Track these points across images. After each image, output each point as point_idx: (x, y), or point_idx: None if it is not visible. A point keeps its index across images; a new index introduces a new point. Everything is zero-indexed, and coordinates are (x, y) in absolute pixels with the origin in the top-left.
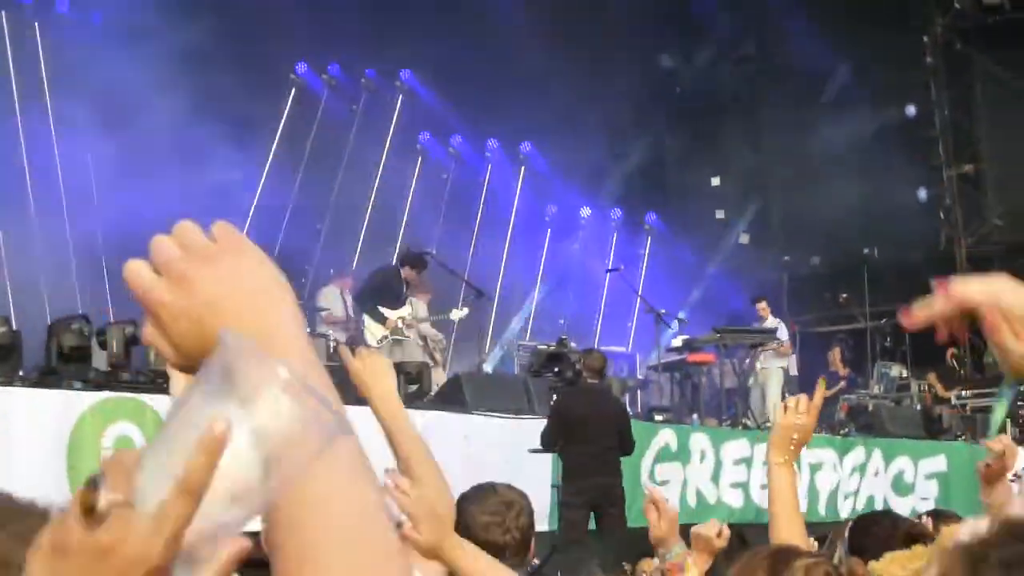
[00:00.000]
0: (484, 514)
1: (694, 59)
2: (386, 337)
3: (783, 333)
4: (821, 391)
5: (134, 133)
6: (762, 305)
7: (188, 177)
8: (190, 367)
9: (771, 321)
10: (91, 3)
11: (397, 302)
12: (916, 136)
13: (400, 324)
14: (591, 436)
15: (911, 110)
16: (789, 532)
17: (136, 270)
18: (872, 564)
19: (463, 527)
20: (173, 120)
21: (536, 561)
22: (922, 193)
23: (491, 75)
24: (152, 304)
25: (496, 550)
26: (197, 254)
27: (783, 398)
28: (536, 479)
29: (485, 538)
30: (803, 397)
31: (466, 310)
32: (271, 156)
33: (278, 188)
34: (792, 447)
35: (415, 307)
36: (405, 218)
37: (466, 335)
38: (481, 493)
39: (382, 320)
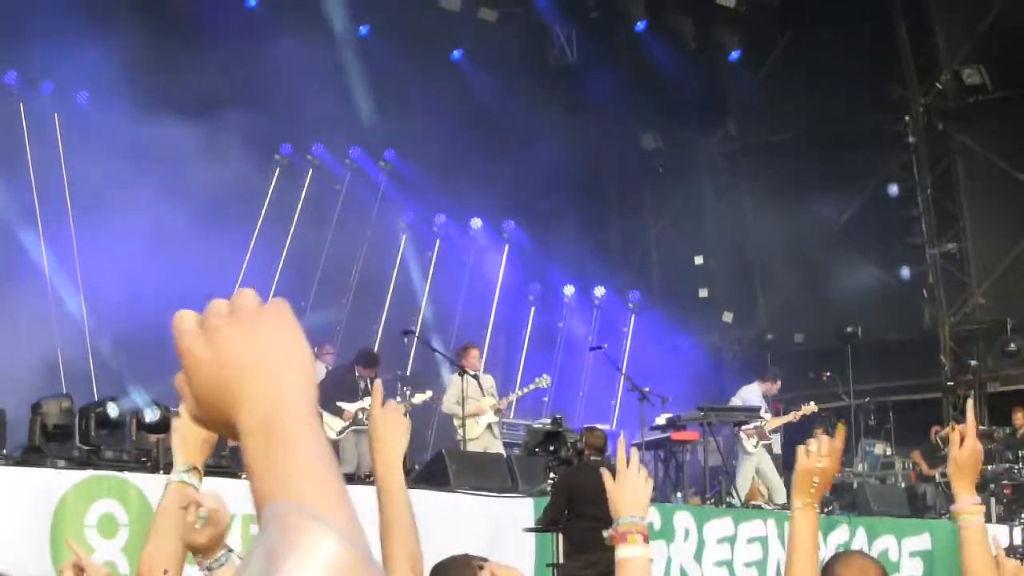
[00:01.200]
0: (460, 571)
1: (675, 138)
2: (345, 428)
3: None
4: (842, 434)
5: (115, 215)
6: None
7: (173, 258)
8: (205, 421)
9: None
10: (76, 84)
11: (354, 396)
12: (898, 215)
13: (361, 415)
14: (598, 512)
15: (893, 189)
16: None
17: (182, 316)
18: None
19: None
20: (153, 202)
21: None
22: (905, 272)
23: (473, 153)
24: (181, 350)
25: None
26: (238, 315)
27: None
28: (521, 558)
29: None
30: (825, 439)
31: (430, 393)
32: (255, 235)
33: (264, 265)
34: (813, 490)
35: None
36: (390, 294)
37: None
38: (455, 563)
39: (339, 413)
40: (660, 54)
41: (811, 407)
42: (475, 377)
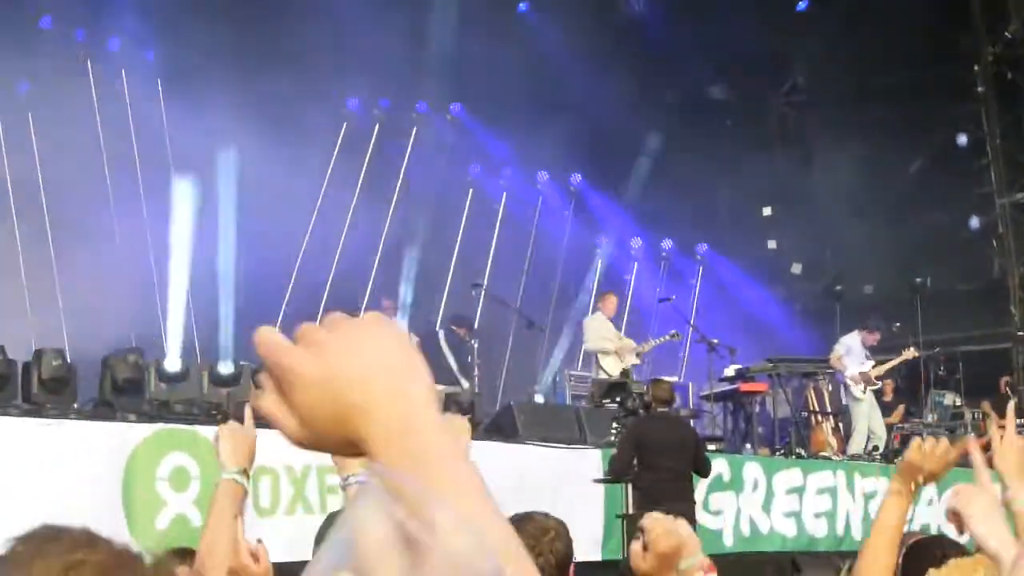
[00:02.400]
0: (523, 538)
1: (743, 90)
2: None
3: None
4: (962, 446)
5: (186, 170)
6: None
7: (241, 213)
8: (311, 443)
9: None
10: (145, 43)
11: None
12: (968, 165)
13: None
14: (668, 463)
15: (963, 139)
16: (876, 562)
17: (270, 332)
18: (932, 571)
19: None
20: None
21: None
22: (975, 222)
23: (539, 107)
24: (284, 370)
25: None
26: (340, 330)
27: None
28: (589, 509)
29: None
30: (944, 441)
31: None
32: (323, 189)
33: (332, 220)
34: (913, 484)
35: None
36: (457, 247)
37: (517, 365)
38: (517, 520)
39: None
40: (727, 5)
41: (911, 352)
42: (610, 321)
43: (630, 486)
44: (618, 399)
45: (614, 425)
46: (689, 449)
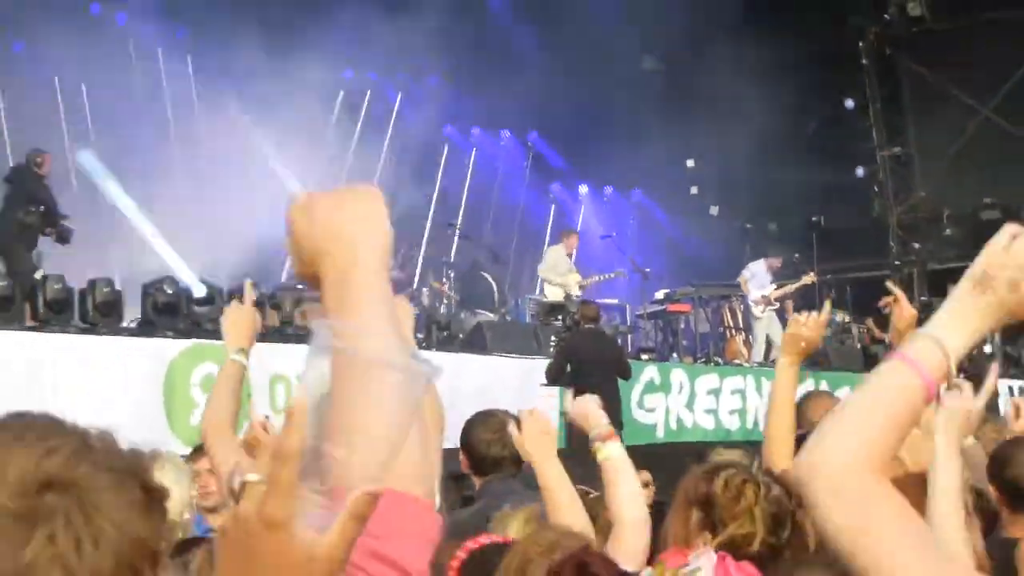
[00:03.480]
0: (486, 432)
1: (670, 63)
2: None
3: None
4: (828, 309)
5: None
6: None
7: (252, 171)
8: (303, 275)
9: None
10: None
11: None
12: (854, 124)
13: None
14: (594, 368)
15: (850, 103)
16: (780, 421)
17: (299, 199)
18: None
19: (471, 444)
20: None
21: None
22: (860, 171)
23: (498, 70)
24: (287, 218)
25: (495, 462)
26: (333, 193)
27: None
28: (546, 408)
29: (486, 452)
30: (813, 314)
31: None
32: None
33: (331, 173)
34: (798, 353)
35: None
36: (435, 194)
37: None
38: (484, 417)
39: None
40: None
41: (811, 277)
42: (568, 256)
43: (568, 389)
44: (557, 317)
45: (552, 339)
46: (610, 357)
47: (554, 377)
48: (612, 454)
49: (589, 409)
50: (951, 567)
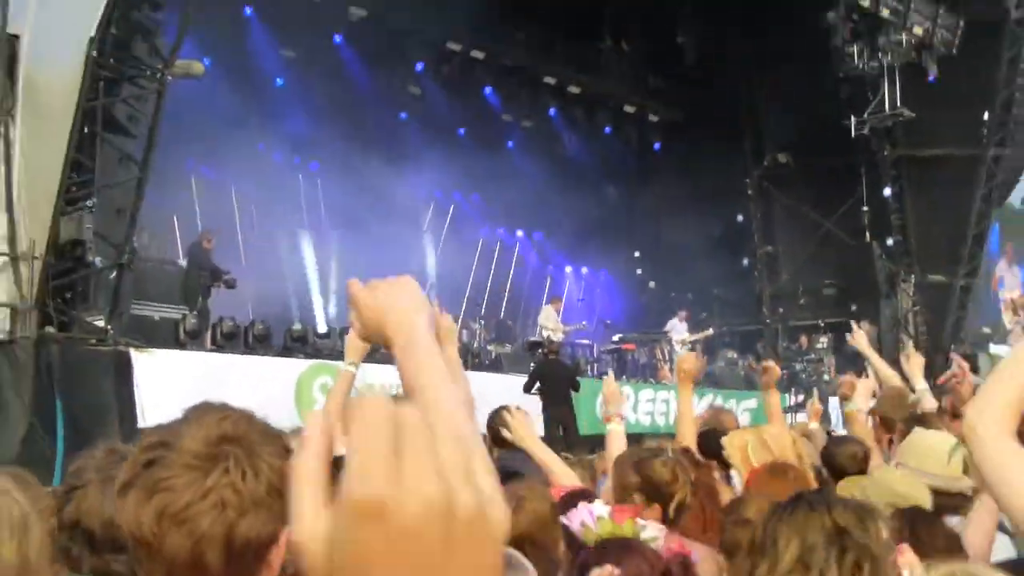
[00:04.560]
0: (501, 417)
1: (628, 190)
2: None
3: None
4: (706, 334)
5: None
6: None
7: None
8: (368, 336)
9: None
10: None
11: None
12: (743, 232)
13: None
14: (555, 384)
15: (740, 218)
16: (685, 419)
17: (354, 282)
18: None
19: (491, 427)
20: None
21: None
22: (745, 262)
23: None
24: (355, 299)
25: (507, 440)
26: (386, 282)
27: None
28: (533, 408)
29: (501, 434)
30: (691, 353)
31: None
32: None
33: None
34: (687, 378)
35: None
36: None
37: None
38: (499, 410)
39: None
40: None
41: (711, 330)
42: (557, 312)
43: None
44: (538, 350)
45: (531, 364)
46: (565, 376)
47: (527, 388)
48: (617, 429)
49: (615, 390)
50: None
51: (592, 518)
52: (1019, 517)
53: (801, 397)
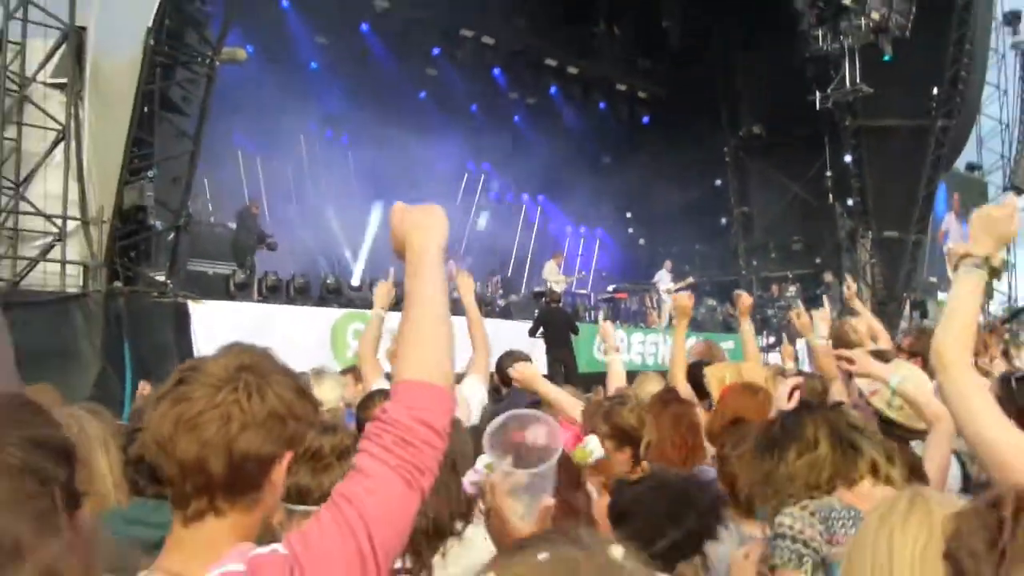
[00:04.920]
0: (508, 361)
1: (620, 158)
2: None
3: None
4: (688, 282)
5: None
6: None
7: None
8: (398, 249)
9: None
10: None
11: None
12: (721, 195)
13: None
14: (556, 329)
15: (719, 182)
16: (677, 359)
17: (396, 206)
18: (706, 368)
19: (500, 367)
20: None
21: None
22: (723, 220)
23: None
24: (391, 215)
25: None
26: (417, 206)
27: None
28: (538, 351)
29: (508, 373)
30: (687, 295)
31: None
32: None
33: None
34: (684, 319)
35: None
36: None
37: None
38: (508, 353)
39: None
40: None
41: (693, 279)
42: (558, 265)
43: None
44: (540, 298)
45: (535, 311)
46: (564, 320)
47: (532, 333)
48: (616, 359)
49: (610, 330)
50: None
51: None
52: (973, 438)
53: (772, 339)
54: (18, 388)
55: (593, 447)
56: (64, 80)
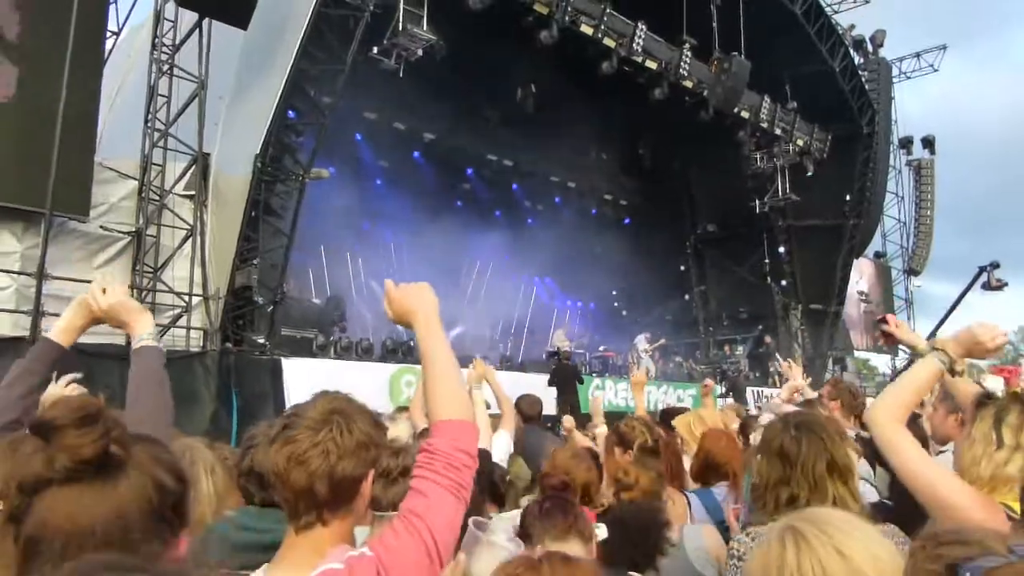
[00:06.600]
0: (525, 403)
1: (610, 248)
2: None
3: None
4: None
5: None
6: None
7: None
8: (399, 321)
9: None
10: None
11: None
12: (684, 277)
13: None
14: (566, 380)
15: (683, 267)
16: (640, 407)
17: (390, 283)
18: (675, 420)
19: (519, 407)
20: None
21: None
22: (686, 296)
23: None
24: (388, 295)
25: (530, 416)
26: (412, 285)
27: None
28: (550, 397)
29: (527, 411)
30: (643, 371)
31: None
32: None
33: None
34: (638, 385)
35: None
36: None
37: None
38: (525, 396)
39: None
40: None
41: (662, 342)
42: (564, 333)
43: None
44: (555, 357)
45: (551, 367)
46: (574, 374)
47: (550, 383)
48: (599, 426)
49: (597, 407)
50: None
51: None
52: (912, 483)
53: (725, 388)
54: (172, 430)
55: None
56: (193, 192)
